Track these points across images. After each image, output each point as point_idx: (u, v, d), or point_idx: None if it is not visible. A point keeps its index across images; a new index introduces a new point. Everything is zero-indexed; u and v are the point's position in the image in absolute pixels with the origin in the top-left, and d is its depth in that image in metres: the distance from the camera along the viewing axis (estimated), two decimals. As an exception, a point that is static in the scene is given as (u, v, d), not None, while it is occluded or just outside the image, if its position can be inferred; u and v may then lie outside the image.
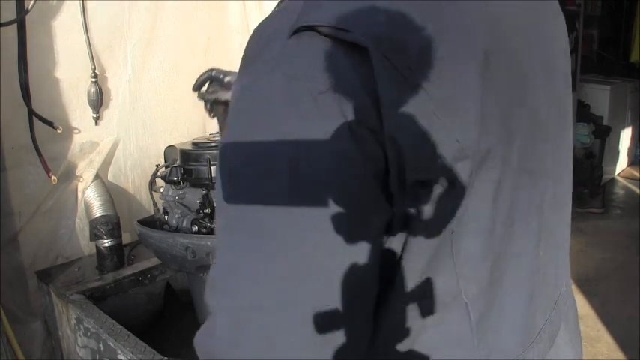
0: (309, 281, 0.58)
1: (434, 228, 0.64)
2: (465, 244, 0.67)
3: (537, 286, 0.80)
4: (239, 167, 0.59)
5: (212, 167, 1.70)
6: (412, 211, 0.62)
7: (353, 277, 0.59)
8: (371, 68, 0.54)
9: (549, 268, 0.83)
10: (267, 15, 0.67)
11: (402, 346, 0.71)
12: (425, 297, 0.68)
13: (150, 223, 1.80)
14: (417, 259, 0.66)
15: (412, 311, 0.69)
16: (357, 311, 0.62)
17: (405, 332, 0.69)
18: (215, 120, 2.70)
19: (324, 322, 0.58)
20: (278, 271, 0.58)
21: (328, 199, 0.57)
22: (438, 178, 0.61)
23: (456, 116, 0.59)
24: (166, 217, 1.75)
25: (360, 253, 0.59)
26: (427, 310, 0.69)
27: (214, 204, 1.74)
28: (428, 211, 0.63)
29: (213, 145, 1.73)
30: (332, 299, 0.58)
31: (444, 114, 0.58)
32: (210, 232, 1.63)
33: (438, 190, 0.61)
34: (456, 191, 0.62)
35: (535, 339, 0.80)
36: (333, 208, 0.57)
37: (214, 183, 1.71)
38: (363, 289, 0.62)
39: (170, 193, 1.74)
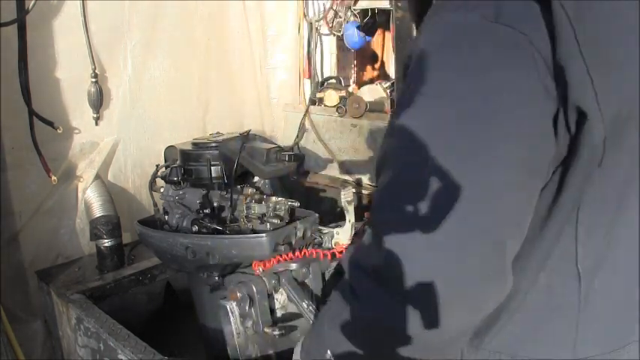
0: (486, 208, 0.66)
1: (570, 185, 0.70)
2: (591, 214, 0.72)
3: None
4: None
5: (212, 167, 1.70)
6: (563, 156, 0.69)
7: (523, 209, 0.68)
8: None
9: None
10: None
11: (514, 302, 0.76)
12: (542, 258, 0.74)
13: (150, 222, 1.80)
14: (553, 215, 0.72)
15: (528, 271, 0.74)
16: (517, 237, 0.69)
17: (517, 289, 0.74)
18: (214, 120, 2.71)
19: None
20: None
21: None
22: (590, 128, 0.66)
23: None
24: (166, 217, 1.75)
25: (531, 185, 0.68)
26: (541, 271, 0.74)
27: (214, 204, 1.75)
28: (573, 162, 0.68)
29: (213, 145, 1.73)
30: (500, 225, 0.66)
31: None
32: (211, 232, 1.64)
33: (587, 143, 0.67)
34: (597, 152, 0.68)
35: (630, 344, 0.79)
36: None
37: (214, 183, 1.71)
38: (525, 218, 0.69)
39: (170, 193, 1.74)
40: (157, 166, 1.85)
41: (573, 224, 0.73)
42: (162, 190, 1.79)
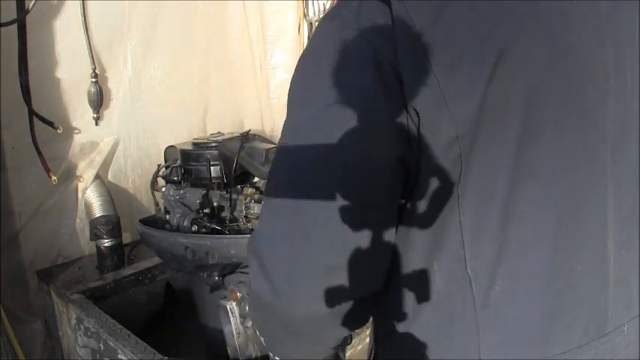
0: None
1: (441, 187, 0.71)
2: (474, 217, 0.71)
3: (563, 296, 0.75)
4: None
5: (211, 167, 1.70)
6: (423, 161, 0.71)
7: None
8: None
9: (588, 283, 0.77)
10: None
11: (412, 312, 0.78)
12: (436, 262, 0.74)
13: (151, 222, 1.80)
14: (426, 221, 0.73)
15: (427, 274, 0.75)
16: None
17: (415, 291, 0.77)
18: (214, 120, 2.71)
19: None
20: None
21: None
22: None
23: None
24: (167, 217, 1.75)
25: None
26: (436, 274, 0.75)
27: (214, 204, 1.75)
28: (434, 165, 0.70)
29: (213, 145, 1.73)
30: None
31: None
32: (210, 231, 1.64)
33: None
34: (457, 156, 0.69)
35: (558, 355, 0.76)
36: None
37: (214, 183, 1.72)
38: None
39: (171, 193, 1.75)
40: (159, 165, 1.85)
41: (458, 227, 0.72)
42: (163, 189, 1.79)
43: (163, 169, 1.83)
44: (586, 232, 0.76)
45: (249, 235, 1.53)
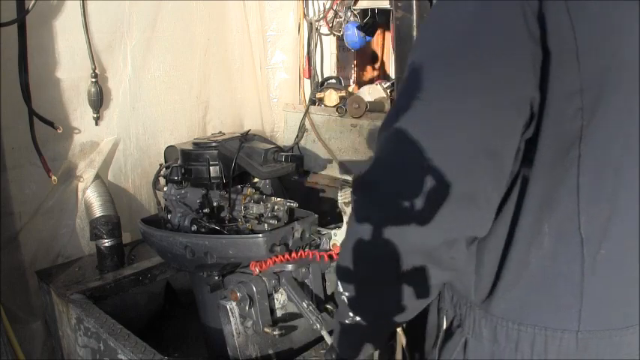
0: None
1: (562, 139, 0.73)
2: (591, 181, 0.73)
3: None
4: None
5: (211, 167, 1.70)
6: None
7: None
8: None
9: None
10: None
11: (518, 266, 0.79)
12: (546, 224, 0.76)
13: (153, 221, 1.81)
14: (536, 169, 0.75)
15: (533, 236, 0.76)
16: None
17: (521, 254, 0.78)
18: (214, 120, 2.71)
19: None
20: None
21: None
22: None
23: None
24: (169, 216, 1.75)
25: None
26: (545, 236, 0.76)
27: (214, 204, 1.75)
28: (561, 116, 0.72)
29: (213, 145, 1.73)
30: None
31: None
32: (209, 231, 1.64)
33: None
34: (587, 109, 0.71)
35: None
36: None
37: (213, 183, 1.72)
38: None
39: (173, 192, 1.75)
40: (160, 164, 1.85)
41: (574, 189, 0.74)
42: (165, 189, 1.79)
43: (165, 168, 1.83)
44: None
45: (247, 236, 1.55)
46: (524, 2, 0.70)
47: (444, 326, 0.92)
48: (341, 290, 0.86)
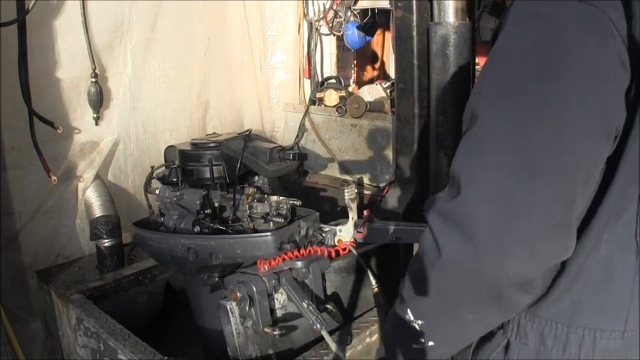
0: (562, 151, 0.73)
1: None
2: None
3: None
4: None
5: (214, 167, 1.70)
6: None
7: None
8: None
9: None
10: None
11: (573, 270, 0.81)
12: (604, 231, 0.79)
13: (144, 225, 1.79)
14: (614, 185, 0.77)
15: (589, 242, 0.79)
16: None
17: (577, 259, 0.80)
18: (214, 120, 2.71)
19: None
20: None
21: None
22: None
23: None
24: (162, 219, 1.74)
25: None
26: (602, 242, 0.80)
27: (215, 204, 1.74)
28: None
29: (213, 145, 1.73)
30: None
31: None
32: (213, 232, 1.63)
33: None
34: None
35: None
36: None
37: (216, 183, 1.71)
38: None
39: (167, 195, 1.73)
40: (152, 167, 1.84)
41: (635, 200, 0.77)
42: (157, 191, 1.78)
43: (158, 170, 1.82)
44: None
45: (256, 235, 1.55)
46: (612, 26, 0.71)
47: None
48: (412, 319, 0.86)
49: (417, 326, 0.86)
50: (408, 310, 0.87)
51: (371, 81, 2.93)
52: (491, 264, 0.74)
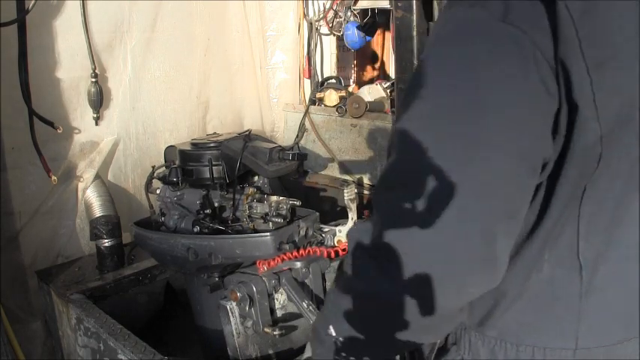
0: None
1: (570, 179, 0.72)
2: (592, 209, 0.74)
3: None
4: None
5: (213, 167, 1.70)
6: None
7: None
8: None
9: None
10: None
11: (515, 290, 0.80)
12: (545, 249, 0.77)
13: (145, 224, 1.79)
14: (551, 208, 0.74)
15: (530, 261, 0.77)
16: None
17: (519, 278, 0.78)
18: (214, 120, 2.70)
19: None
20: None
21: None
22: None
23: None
24: (163, 219, 1.74)
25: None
26: (544, 262, 0.77)
27: (215, 204, 1.74)
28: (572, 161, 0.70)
29: (213, 145, 1.73)
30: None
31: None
32: (212, 232, 1.63)
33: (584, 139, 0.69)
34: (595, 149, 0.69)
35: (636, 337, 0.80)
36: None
37: (215, 183, 1.71)
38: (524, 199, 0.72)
39: (168, 194, 1.73)
40: (153, 167, 1.85)
41: (575, 218, 0.75)
42: (158, 191, 1.78)
43: (159, 170, 1.82)
44: None
45: (255, 235, 1.55)
46: (535, 50, 0.65)
47: (439, 344, 0.91)
48: (334, 334, 0.83)
49: (339, 343, 0.83)
50: (331, 327, 0.84)
51: (371, 81, 2.93)
52: (410, 299, 0.72)
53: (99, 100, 2.13)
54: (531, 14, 0.66)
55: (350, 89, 2.79)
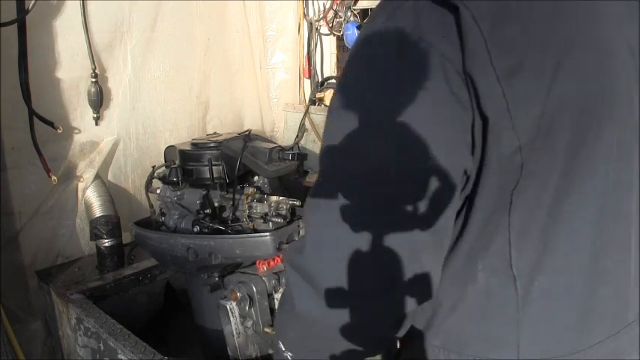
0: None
1: (496, 187, 0.71)
2: (523, 218, 0.72)
3: (597, 291, 0.78)
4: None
5: (213, 167, 1.70)
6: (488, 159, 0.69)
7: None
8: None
9: (616, 277, 0.80)
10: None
11: (450, 300, 0.79)
12: (479, 259, 0.75)
13: (146, 224, 1.80)
14: (472, 218, 0.73)
15: (465, 272, 0.76)
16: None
17: (457, 287, 0.78)
18: (214, 120, 2.70)
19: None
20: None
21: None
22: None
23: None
24: (163, 219, 1.74)
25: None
26: (478, 272, 0.76)
27: (215, 204, 1.74)
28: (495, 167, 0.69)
29: (212, 145, 1.73)
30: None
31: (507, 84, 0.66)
32: (212, 232, 1.63)
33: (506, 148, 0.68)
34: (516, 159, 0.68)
35: (591, 348, 0.78)
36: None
37: (215, 183, 1.71)
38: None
39: (168, 194, 1.73)
40: (154, 167, 1.85)
41: (505, 227, 0.73)
42: (158, 191, 1.78)
43: (159, 170, 1.82)
44: (618, 229, 0.79)
45: (255, 235, 1.55)
46: (444, 62, 0.65)
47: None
48: (283, 349, 0.85)
49: (288, 357, 0.84)
50: (280, 342, 0.85)
51: (371, 81, 2.92)
52: (337, 315, 0.72)
53: (99, 100, 2.13)
54: (441, 27, 0.65)
55: (350, 89, 2.79)
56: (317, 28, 2.76)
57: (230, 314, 1.48)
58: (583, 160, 0.72)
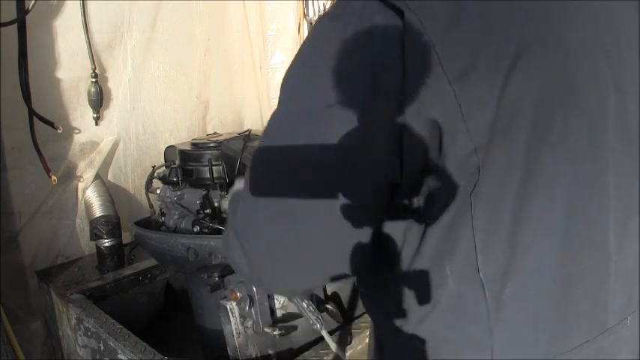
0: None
1: (453, 187, 0.70)
2: (487, 222, 0.71)
3: (572, 293, 0.77)
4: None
5: (213, 167, 1.70)
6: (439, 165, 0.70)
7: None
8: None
9: (591, 279, 0.79)
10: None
11: (420, 312, 0.78)
12: (447, 265, 0.74)
13: (146, 224, 1.79)
14: (438, 221, 0.73)
15: (435, 276, 0.76)
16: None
17: (423, 299, 0.78)
18: (214, 120, 2.70)
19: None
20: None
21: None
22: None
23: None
24: (163, 219, 1.74)
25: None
26: (448, 277, 0.75)
27: (215, 204, 1.74)
28: (451, 167, 0.70)
29: (212, 145, 1.73)
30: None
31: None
32: (212, 232, 1.63)
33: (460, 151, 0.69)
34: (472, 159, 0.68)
35: (570, 350, 0.77)
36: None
37: (215, 183, 1.71)
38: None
39: (168, 194, 1.73)
40: (154, 167, 1.85)
41: (469, 231, 0.72)
42: (158, 191, 1.78)
43: (159, 170, 1.82)
44: (590, 230, 0.77)
45: None
46: (375, 70, 0.66)
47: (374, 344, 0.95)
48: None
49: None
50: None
51: (371, 81, 2.92)
52: (261, 278, 0.81)
53: (99, 100, 2.13)
54: (381, 23, 0.66)
55: (350, 89, 2.79)
56: (317, 28, 2.76)
57: (230, 314, 1.48)
58: (546, 160, 0.71)
